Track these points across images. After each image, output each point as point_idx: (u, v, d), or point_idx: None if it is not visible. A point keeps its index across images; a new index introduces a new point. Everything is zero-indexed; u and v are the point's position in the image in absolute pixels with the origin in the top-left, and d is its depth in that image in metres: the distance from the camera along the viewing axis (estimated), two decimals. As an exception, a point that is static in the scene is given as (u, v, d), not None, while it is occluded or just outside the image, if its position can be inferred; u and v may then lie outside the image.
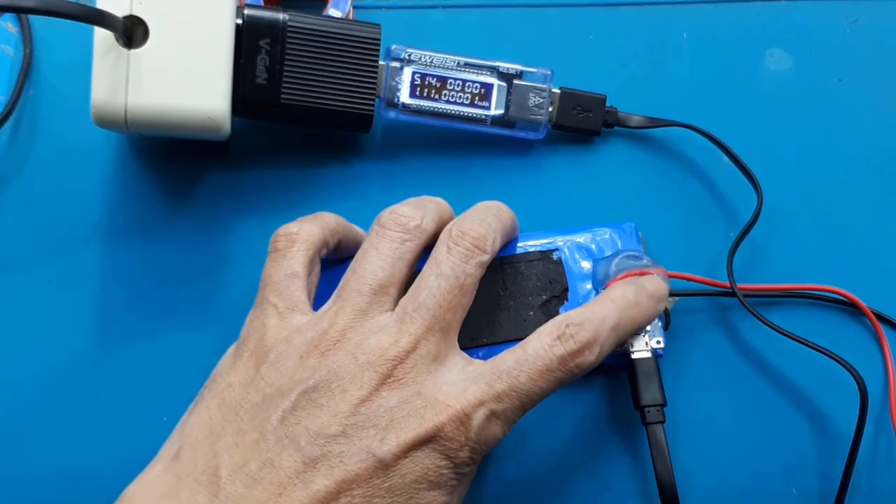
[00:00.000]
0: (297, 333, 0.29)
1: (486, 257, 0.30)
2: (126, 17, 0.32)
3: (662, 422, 0.32)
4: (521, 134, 0.38)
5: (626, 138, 0.39)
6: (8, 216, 0.37)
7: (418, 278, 0.30)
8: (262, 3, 0.37)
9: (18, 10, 0.28)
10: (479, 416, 0.27)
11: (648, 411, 0.32)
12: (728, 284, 0.35)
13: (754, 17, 0.41)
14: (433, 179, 0.38)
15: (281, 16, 0.34)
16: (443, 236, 0.30)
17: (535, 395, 0.28)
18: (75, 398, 0.35)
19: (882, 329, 0.35)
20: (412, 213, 0.31)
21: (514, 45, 0.40)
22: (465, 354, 0.30)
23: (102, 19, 0.30)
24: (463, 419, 0.27)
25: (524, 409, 0.28)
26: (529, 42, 0.40)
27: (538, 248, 0.35)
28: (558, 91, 0.37)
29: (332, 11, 0.38)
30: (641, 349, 0.33)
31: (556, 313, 0.34)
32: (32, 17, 0.39)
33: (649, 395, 0.32)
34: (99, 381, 0.35)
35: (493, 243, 0.30)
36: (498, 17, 0.40)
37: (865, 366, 0.34)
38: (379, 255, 0.30)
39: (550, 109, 0.37)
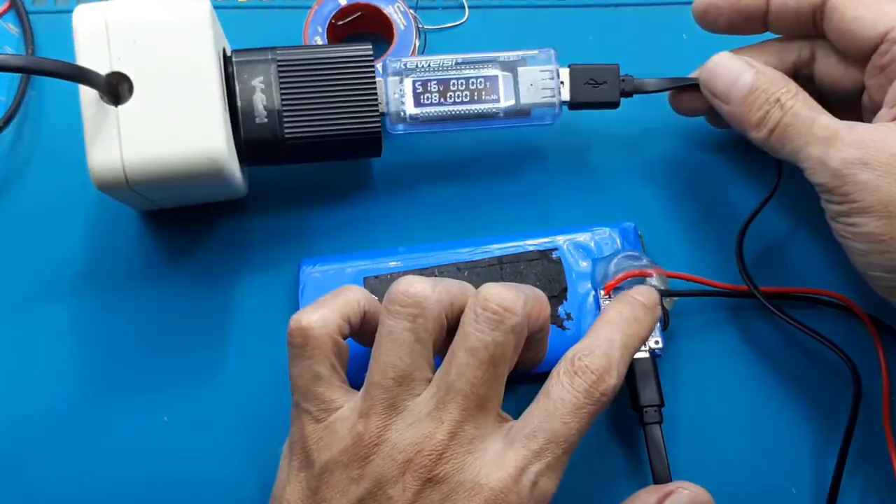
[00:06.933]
0: (336, 439, 0.28)
1: (517, 319, 0.28)
2: (109, 75, 0.31)
3: (660, 422, 0.32)
4: (538, 121, 0.36)
5: (626, 140, 0.39)
6: (10, 216, 0.37)
7: (448, 353, 0.28)
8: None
9: (8, 70, 0.29)
10: (525, 483, 0.27)
11: (646, 412, 0.32)
12: (726, 286, 0.35)
13: (754, 17, 0.41)
14: (441, 192, 0.38)
15: (269, 54, 0.34)
16: (469, 303, 0.29)
17: (574, 437, 0.28)
18: (75, 432, 0.35)
19: (878, 334, 0.35)
20: (421, 286, 0.28)
21: (514, 46, 0.39)
22: (503, 414, 0.29)
23: (85, 76, 0.30)
24: (507, 493, 0.27)
25: (568, 454, 0.28)
26: (529, 43, 0.39)
27: (537, 248, 0.35)
28: (567, 68, 0.36)
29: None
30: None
31: (555, 312, 0.34)
32: (34, 19, 0.40)
33: (647, 395, 0.32)
34: (99, 410, 0.35)
35: (523, 305, 0.28)
36: (497, 19, 0.40)
37: (861, 370, 0.34)
38: (394, 342, 0.28)
39: (562, 88, 0.36)
